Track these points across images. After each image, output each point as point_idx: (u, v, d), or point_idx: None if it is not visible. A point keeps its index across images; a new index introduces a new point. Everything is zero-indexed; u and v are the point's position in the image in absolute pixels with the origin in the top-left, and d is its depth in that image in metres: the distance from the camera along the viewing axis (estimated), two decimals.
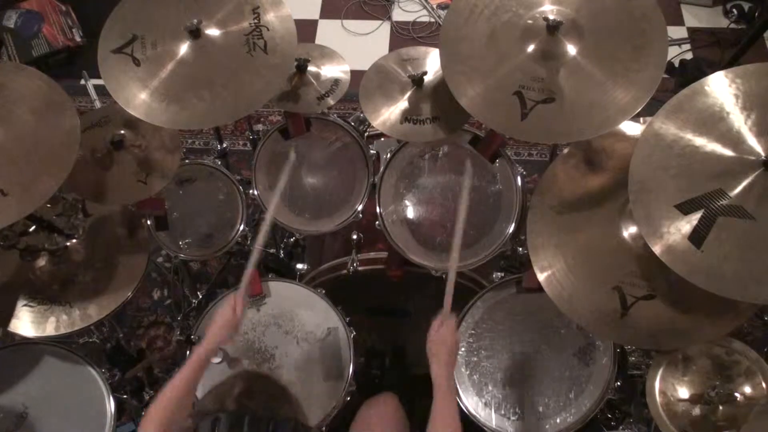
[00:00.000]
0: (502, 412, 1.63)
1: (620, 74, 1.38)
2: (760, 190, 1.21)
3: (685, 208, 1.24)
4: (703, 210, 1.22)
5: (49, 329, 1.62)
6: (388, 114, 1.65)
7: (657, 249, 1.24)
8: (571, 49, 1.41)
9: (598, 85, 1.39)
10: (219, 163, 1.96)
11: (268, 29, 1.56)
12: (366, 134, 1.91)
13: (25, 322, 1.63)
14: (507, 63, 1.44)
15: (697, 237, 1.22)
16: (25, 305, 1.65)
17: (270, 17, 1.57)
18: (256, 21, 1.56)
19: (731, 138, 1.25)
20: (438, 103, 1.63)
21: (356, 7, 3.33)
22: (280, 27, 1.56)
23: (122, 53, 1.53)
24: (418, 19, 3.26)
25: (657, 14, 1.39)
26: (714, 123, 1.26)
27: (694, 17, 3.20)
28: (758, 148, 1.22)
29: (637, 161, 1.30)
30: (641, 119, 1.53)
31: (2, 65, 1.50)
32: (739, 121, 1.25)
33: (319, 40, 3.21)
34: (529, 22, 1.44)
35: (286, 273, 2.15)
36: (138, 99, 1.49)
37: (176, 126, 1.53)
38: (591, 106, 1.38)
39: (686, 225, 1.23)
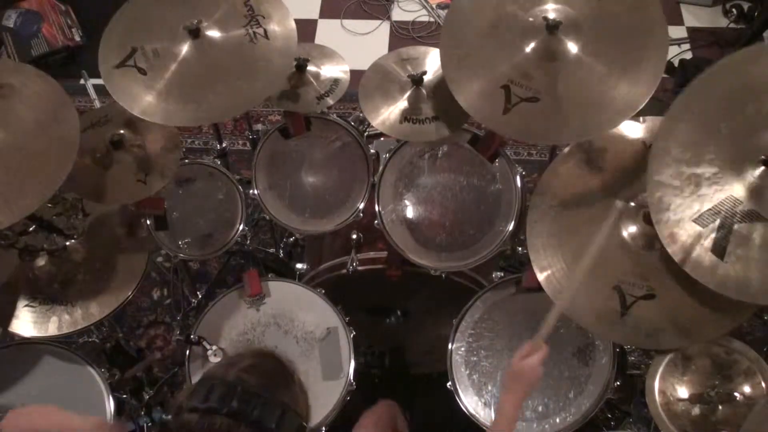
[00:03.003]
0: None
1: (616, 81, 1.38)
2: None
3: (703, 221, 1.24)
4: (719, 220, 1.22)
5: (51, 329, 1.62)
6: (387, 113, 1.65)
7: (687, 267, 1.24)
8: (570, 51, 1.41)
9: (592, 89, 1.39)
10: (218, 162, 1.96)
11: (264, 17, 1.58)
12: (366, 134, 1.91)
13: (26, 323, 1.63)
14: (503, 55, 1.43)
15: (718, 248, 1.22)
16: (26, 305, 1.65)
17: (263, 5, 1.60)
18: (250, 12, 1.58)
19: (727, 143, 1.25)
20: (437, 103, 1.63)
21: (356, 6, 3.32)
22: (274, 12, 1.60)
23: (126, 66, 1.54)
24: (417, 19, 3.26)
25: (660, 18, 1.40)
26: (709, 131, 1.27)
27: (693, 17, 3.20)
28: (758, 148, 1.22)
29: (653, 179, 1.29)
30: (641, 118, 1.53)
31: (23, 67, 1.50)
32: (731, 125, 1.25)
33: (318, 40, 3.20)
34: (531, 19, 1.43)
35: (286, 273, 2.15)
36: (153, 106, 1.50)
37: (198, 123, 1.56)
38: (576, 110, 1.39)
39: (706, 238, 1.23)
